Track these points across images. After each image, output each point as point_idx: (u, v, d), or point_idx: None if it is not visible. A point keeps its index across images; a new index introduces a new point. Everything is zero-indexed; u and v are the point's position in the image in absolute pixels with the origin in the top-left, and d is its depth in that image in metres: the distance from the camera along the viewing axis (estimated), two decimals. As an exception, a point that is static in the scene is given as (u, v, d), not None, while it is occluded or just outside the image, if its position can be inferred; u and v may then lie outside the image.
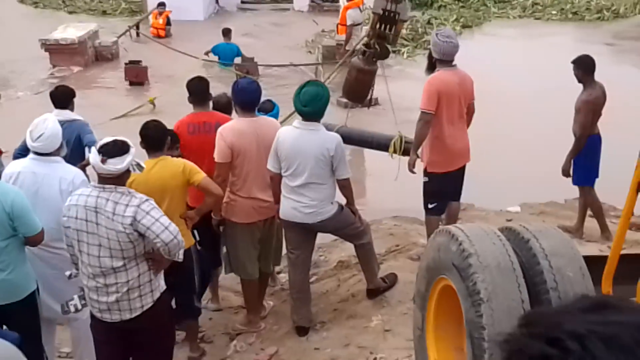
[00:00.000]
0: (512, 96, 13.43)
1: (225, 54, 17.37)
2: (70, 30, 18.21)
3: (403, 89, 12.40)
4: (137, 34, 20.48)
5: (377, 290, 6.42)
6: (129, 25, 20.74)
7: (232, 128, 6.10)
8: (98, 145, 4.61)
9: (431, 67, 6.98)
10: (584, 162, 7.64)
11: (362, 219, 6.37)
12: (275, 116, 7.04)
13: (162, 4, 21.08)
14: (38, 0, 24.21)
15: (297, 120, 6.06)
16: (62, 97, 7.20)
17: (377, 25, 7.99)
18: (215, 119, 6.40)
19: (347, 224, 6.21)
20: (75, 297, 4.99)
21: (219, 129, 6.11)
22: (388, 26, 7.98)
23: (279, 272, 7.49)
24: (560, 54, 18.08)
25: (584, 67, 7.51)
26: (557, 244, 3.95)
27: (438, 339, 4.52)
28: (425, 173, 6.99)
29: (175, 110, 13.54)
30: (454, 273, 4.00)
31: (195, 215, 5.69)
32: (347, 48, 16.11)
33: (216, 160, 6.03)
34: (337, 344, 5.77)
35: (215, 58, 17.25)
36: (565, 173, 7.69)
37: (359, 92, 8.54)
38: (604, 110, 7.60)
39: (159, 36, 20.44)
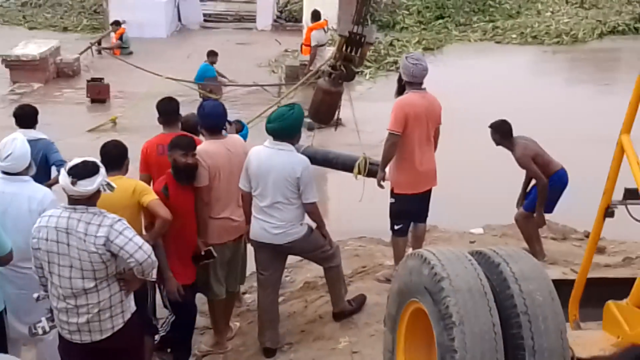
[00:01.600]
0: (474, 118, 13.57)
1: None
2: (31, 46, 18.10)
3: (366, 110, 12.49)
4: (99, 51, 20.40)
5: (343, 313, 6.45)
6: (90, 42, 20.68)
7: (206, 150, 6.08)
8: (67, 167, 4.58)
9: (400, 90, 7.06)
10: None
11: (332, 242, 6.40)
12: (245, 136, 7.07)
13: (115, 22, 21.07)
14: (-2, 15, 24.06)
15: (269, 139, 6.05)
16: (27, 117, 7.15)
17: (343, 48, 8.08)
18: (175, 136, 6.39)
19: (316, 247, 6.24)
20: (43, 319, 4.94)
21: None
22: (354, 48, 8.07)
23: (244, 293, 7.48)
24: (520, 77, 18.52)
25: (501, 132, 7.66)
26: (527, 268, 4.01)
27: (408, 362, 4.55)
28: (392, 194, 7.06)
29: (136, 128, 13.59)
30: (426, 296, 4.05)
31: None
32: (310, 68, 16.21)
33: (198, 185, 5.99)
34: (304, 365, 5.79)
35: (179, 77, 17.16)
36: (540, 224, 7.82)
37: (325, 113, 8.61)
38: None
39: (115, 54, 20.38)
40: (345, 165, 9.05)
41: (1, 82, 17.24)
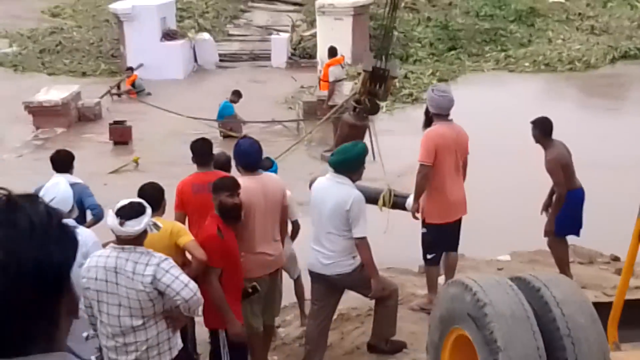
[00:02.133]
0: (493, 146, 13.73)
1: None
2: (53, 92, 18.42)
3: (383, 143, 12.67)
4: (119, 95, 20.73)
5: (376, 348, 6.53)
6: (110, 85, 21.02)
7: (243, 187, 6.21)
8: (115, 208, 4.75)
9: (428, 122, 7.22)
10: (562, 214, 7.85)
11: (389, 283, 6.44)
12: (275, 171, 7.22)
13: (129, 69, 21.47)
14: (17, 63, 24.41)
15: (330, 171, 6.23)
16: (63, 162, 7.36)
17: (368, 82, 8.25)
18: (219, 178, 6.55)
19: (366, 284, 6.28)
20: (93, 358, 5.07)
21: None
22: (378, 83, 8.24)
23: (277, 327, 7.58)
24: (534, 103, 18.66)
25: (542, 129, 7.75)
26: (567, 292, 4.13)
27: (452, 388, 4.64)
28: (424, 224, 7.19)
29: (158, 168, 13.80)
30: (469, 323, 4.15)
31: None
32: (329, 104, 16.41)
33: None
34: (345, 397, 5.87)
35: (200, 115, 17.41)
36: (549, 234, 7.89)
37: None
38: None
39: (131, 96, 20.72)
40: (370, 197, 9.14)
41: (25, 128, 17.53)
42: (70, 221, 5.53)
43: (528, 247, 9.54)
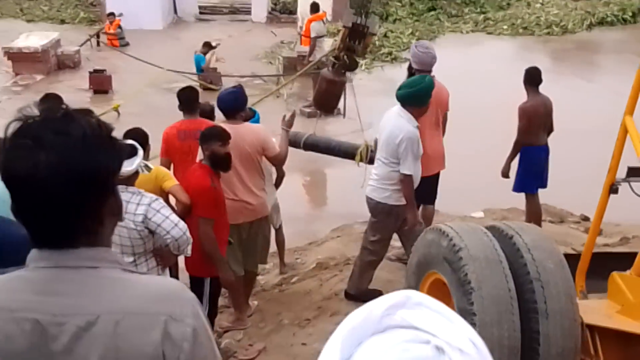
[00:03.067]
0: (470, 106, 13.93)
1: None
2: (33, 38, 18.30)
3: (362, 100, 12.84)
4: (98, 43, 20.62)
5: (352, 296, 6.77)
6: (89, 34, 20.88)
7: None
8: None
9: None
10: (522, 170, 8.15)
11: (417, 226, 6.50)
12: (257, 121, 7.36)
13: (111, 14, 21.30)
14: (-5, 9, 24.18)
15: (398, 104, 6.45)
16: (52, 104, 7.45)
17: (347, 39, 8.39)
18: (205, 126, 6.68)
19: (380, 225, 6.59)
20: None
21: None
22: (357, 39, 8.38)
23: (258, 274, 7.77)
24: (511, 66, 18.84)
25: (527, 78, 8.09)
26: (537, 239, 4.37)
27: (426, 332, 4.86)
28: None
29: (139, 118, 13.83)
30: (445, 266, 4.38)
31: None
32: (310, 59, 16.49)
33: None
34: (323, 339, 5.98)
35: (176, 68, 17.42)
36: (504, 175, 8.28)
37: (328, 102, 8.95)
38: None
39: (113, 46, 20.59)
40: (347, 152, 9.37)
41: (3, 74, 17.44)
42: None
43: (501, 205, 9.79)
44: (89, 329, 1.67)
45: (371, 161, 8.59)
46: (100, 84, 16.41)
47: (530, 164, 8.10)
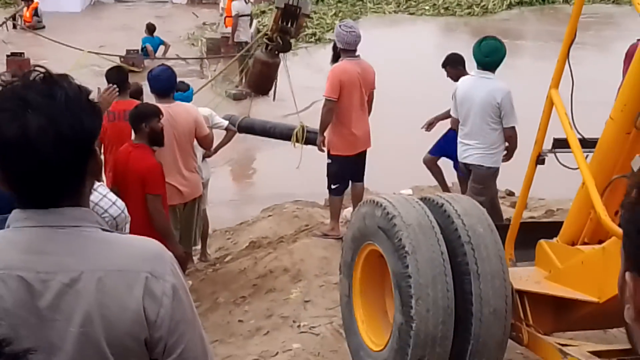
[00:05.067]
0: (392, 86, 14.12)
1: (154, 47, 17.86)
2: (-55, 21, 17.73)
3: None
4: (14, 26, 20.11)
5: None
6: (5, 17, 20.33)
7: None
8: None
9: (336, 58, 7.45)
10: (447, 137, 8.01)
11: None
12: (190, 95, 7.38)
13: None
14: None
15: (474, 70, 6.78)
16: None
17: (280, 20, 8.41)
18: (134, 107, 6.63)
19: (479, 185, 6.78)
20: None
21: None
22: (290, 20, 8.41)
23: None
24: (431, 46, 19.18)
25: (463, 63, 7.99)
26: (467, 206, 4.51)
27: (364, 304, 4.97)
28: (329, 155, 7.47)
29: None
30: (380, 235, 4.48)
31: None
32: (235, 39, 16.41)
33: None
34: (260, 315, 6.15)
35: (101, 50, 17.15)
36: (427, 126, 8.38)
37: (263, 84, 8.98)
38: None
39: (31, 28, 20.12)
40: (282, 134, 9.44)
41: None
42: None
43: (429, 182, 9.97)
44: (72, 286, 1.71)
45: (307, 141, 8.66)
46: (19, 67, 15.95)
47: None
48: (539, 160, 4.79)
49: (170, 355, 1.79)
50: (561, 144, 4.74)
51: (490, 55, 6.70)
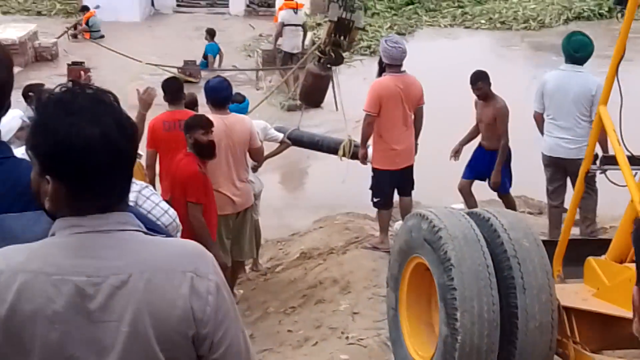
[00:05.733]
0: (447, 99, 14.09)
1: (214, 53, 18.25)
2: (10, 30, 18.23)
3: (342, 93, 12.97)
4: (75, 36, 20.58)
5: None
6: (66, 26, 20.83)
7: None
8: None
9: (381, 73, 7.52)
10: (481, 160, 8.12)
11: None
12: (246, 107, 7.53)
13: (84, 8, 21.31)
14: (-30, 0, 24.03)
15: (563, 64, 7.02)
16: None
17: (333, 33, 8.50)
18: (189, 116, 6.78)
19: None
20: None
21: None
22: (343, 34, 8.49)
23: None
24: (488, 60, 19.08)
25: (489, 81, 7.89)
26: (514, 221, 4.55)
27: (410, 316, 5.02)
28: (372, 169, 7.53)
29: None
30: (426, 248, 4.54)
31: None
32: (277, 44, 16.98)
33: None
34: (308, 326, 6.23)
35: (154, 60, 17.41)
36: (497, 185, 8.12)
37: (315, 96, 9.09)
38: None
39: (85, 38, 20.57)
40: (330, 147, 9.53)
41: (-20, 66, 17.34)
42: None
43: (481, 196, 9.94)
44: (122, 287, 1.80)
45: (354, 155, 8.72)
46: (79, 76, 16.36)
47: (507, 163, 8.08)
48: (588, 176, 4.80)
49: (217, 351, 1.88)
50: (610, 160, 4.75)
51: (580, 51, 6.90)
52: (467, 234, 4.35)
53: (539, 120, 7.18)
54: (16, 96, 7.73)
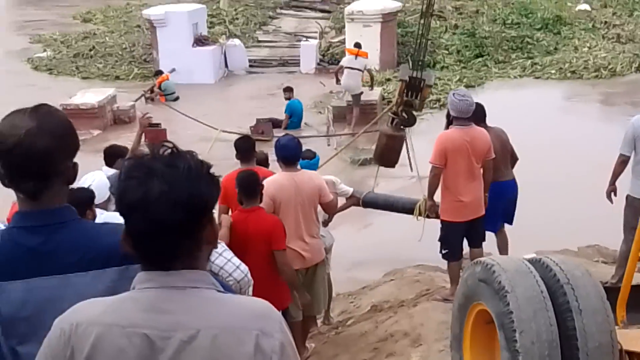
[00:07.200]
0: (519, 149, 14.00)
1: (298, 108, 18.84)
2: (89, 95, 18.95)
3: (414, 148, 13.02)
4: (151, 99, 21.25)
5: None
6: (143, 90, 21.52)
7: (274, 181, 6.66)
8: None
9: (448, 125, 7.57)
10: (489, 207, 7.70)
11: None
12: (316, 163, 7.66)
13: (157, 72, 22.01)
14: (52, 67, 25.02)
15: None
16: (113, 154, 7.77)
17: (404, 92, 8.57)
18: (261, 173, 6.94)
19: None
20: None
21: (264, 182, 6.64)
22: (414, 93, 8.57)
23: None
24: (559, 109, 18.93)
25: (476, 115, 7.56)
26: (565, 259, 4.80)
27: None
28: (440, 221, 7.56)
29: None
30: (481, 287, 4.73)
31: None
32: (339, 76, 18.47)
33: None
34: (379, 379, 6.24)
35: (226, 120, 17.78)
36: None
37: (389, 157, 9.16)
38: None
39: (161, 101, 21.20)
40: (405, 208, 9.56)
41: (62, 131, 17.97)
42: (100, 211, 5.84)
43: (553, 247, 9.83)
44: (190, 342, 1.90)
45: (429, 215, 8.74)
46: (156, 137, 16.75)
47: (495, 199, 7.80)
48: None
49: None
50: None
51: None
52: (519, 267, 4.50)
53: (621, 164, 7.18)
54: (96, 158, 8.06)
